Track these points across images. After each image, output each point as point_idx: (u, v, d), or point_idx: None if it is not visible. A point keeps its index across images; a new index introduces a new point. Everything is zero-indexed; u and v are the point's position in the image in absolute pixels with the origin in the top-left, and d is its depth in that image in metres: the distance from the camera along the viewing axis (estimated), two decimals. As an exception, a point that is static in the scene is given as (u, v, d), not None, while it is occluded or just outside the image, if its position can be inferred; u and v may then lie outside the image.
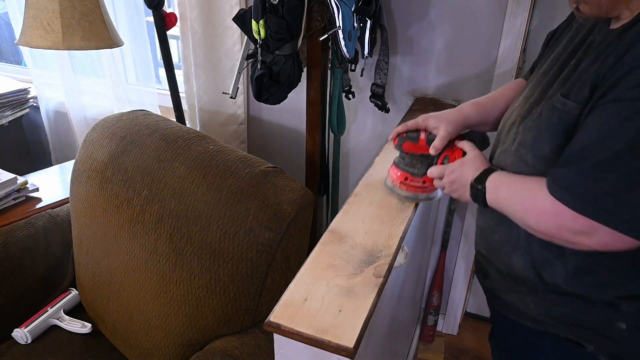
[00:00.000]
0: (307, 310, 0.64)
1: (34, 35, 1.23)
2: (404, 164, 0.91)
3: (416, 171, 0.90)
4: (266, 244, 0.95)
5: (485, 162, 0.81)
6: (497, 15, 1.36)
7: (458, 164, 0.83)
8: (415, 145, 0.89)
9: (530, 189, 0.69)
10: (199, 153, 1.08)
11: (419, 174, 0.90)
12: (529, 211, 0.69)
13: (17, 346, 1.18)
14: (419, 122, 0.90)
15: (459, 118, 0.89)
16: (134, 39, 1.82)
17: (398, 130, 0.91)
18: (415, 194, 0.91)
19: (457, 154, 0.86)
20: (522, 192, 0.71)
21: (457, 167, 0.82)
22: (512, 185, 0.73)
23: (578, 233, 0.63)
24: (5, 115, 2.03)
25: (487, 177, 0.76)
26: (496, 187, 0.75)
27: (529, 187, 0.70)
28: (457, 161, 0.84)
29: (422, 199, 0.92)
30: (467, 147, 0.85)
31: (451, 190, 0.84)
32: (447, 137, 0.86)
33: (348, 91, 1.48)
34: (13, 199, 1.39)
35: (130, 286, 1.10)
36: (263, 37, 1.18)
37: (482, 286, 0.93)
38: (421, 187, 0.91)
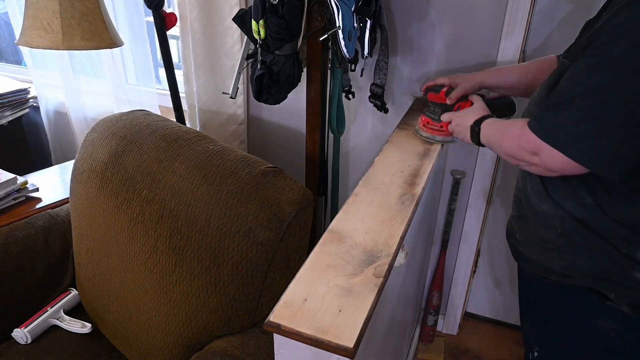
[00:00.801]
0: (307, 310, 0.64)
1: (34, 35, 1.23)
2: (429, 111, 1.15)
3: (435, 117, 1.13)
4: (266, 244, 0.95)
5: (485, 110, 0.99)
6: (497, 15, 1.36)
7: (464, 111, 1.03)
8: (437, 96, 1.11)
9: (511, 122, 0.85)
10: (199, 153, 1.08)
11: (437, 119, 1.12)
12: (504, 136, 0.86)
13: (17, 346, 1.18)
14: (446, 80, 1.14)
15: (477, 79, 1.12)
16: (134, 39, 1.82)
17: (428, 84, 1.15)
18: (433, 135, 1.15)
19: (468, 105, 1.06)
20: (505, 125, 0.88)
21: (463, 114, 1.03)
22: (500, 123, 0.91)
23: (531, 152, 0.78)
24: (5, 115, 2.03)
25: (484, 121, 0.95)
26: (488, 126, 0.93)
27: (510, 122, 0.86)
28: (464, 109, 1.05)
29: (438, 140, 1.15)
30: (475, 99, 1.05)
31: (457, 131, 1.05)
32: (463, 91, 1.09)
33: (348, 91, 1.47)
34: (13, 199, 1.39)
35: (130, 286, 1.10)
36: (263, 37, 1.18)
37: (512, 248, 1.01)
38: (438, 130, 1.13)
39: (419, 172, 1.03)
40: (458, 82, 1.11)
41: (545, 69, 1.03)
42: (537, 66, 1.09)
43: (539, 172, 0.81)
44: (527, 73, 1.10)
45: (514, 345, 1.83)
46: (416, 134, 1.19)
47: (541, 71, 1.05)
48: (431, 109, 1.14)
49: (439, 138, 1.14)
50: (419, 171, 1.04)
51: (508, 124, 0.87)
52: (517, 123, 0.82)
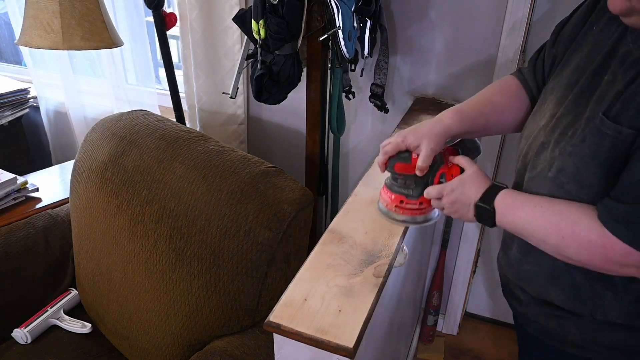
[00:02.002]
0: (307, 310, 0.64)
1: (34, 35, 1.23)
2: (397, 185, 0.84)
3: (412, 192, 0.83)
4: (266, 244, 0.95)
5: (487, 179, 0.76)
6: (497, 15, 1.36)
7: (457, 182, 0.76)
8: (408, 165, 0.81)
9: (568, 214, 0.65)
10: (199, 153, 1.08)
11: (414, 196, 0.83)
12: (568, 239, 0.64)
13: (17, 346, 1.18)
14: (399, 142, 0.79)
15: (440, 131, 0.79)
16: (134, 39, 1.82)
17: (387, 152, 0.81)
18: (412, 217, 0.85)
19: (455, 171, 0.80)
20: (555, 218, 0.65)
21: (457, 186, 0.76)
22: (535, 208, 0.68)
23: (628, 266, 0.61)
24: (5, 115, 2.03)
25: (495, 196, 0.71)
26: (510, 208, 0.70)
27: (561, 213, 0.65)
28: (455, 179, 0.77)
29: (420, 222, 0.86)
30: (464, 162, 0.79)
31: (452, 211, 0.78)
32: (431, 154, 0.77)
33: (348, 91, 1.48)
34: (13, 199, 1.39)
35: (130, 286, 1.10)
36: (263, 37, 1.18)
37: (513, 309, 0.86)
38: (418, 209, 0.84)
39: (419, 172, 1.03)
40: (414, 142, 0.78)
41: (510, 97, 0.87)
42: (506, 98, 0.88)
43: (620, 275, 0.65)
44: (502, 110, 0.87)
45: (514, 345, 1.83)
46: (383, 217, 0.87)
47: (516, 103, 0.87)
48: (400, 183, 0.84)
49: (420, 219, 0.85)
50: (419, 171, 1.03)
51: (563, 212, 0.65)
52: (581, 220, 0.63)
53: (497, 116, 0.86)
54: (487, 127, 0.86)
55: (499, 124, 0.88)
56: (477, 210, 0.73)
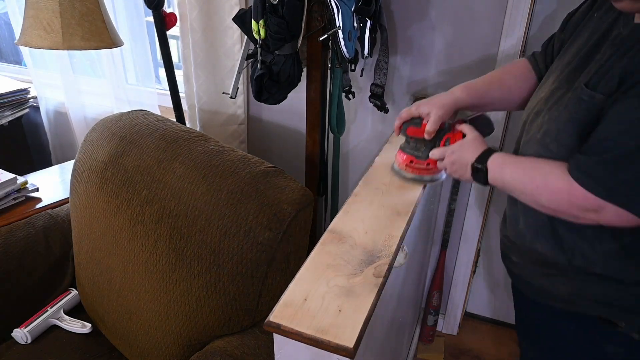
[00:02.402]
0: (307, 310, 0.64)
1: (34, 35, 1.23)
2: (409, 147, 0.97)
3: (420, 154, 0.96)
4: (266, 244, 0.95)
5: (484, 143, 0.86)
6: (497, 15, 1.36)
7: (458, 145, 0.88)
8: (419, 130, 0.93)
9: (541, 168, 0.74)
10: (199, 153, 1.08)
11: (423, 157, 0.95)
12: (540, 189, 0.73)
13: (17, 346, 1.18)
14: (412, 110, 0.94)
15: (449, 101, 0.92)
16: (134, 39, 1.82)
17: (402, 117, 0.95)
18: (420, 176, 0.97)
19: (458, 137, 0.90)
20: (531, 171, 0.75)
21: (457, 149, 0.87)
22: (519, 164, 0.78)
23: (588, 210, 0.69)
24: (5, 115, 2.03)
25: (488, 157, 0.81)
26: (499, 166, 0.80)
27: (538, 167, 0.75)
28: (456, 143, 0.88)
29: (427, 180, 0.98)
30: (466, 129, 0.90)
31: (452, 170, 0.89)
32: (438, 120, 0.90)
33: (348, 91, 1.48)
34: (13, 199, 1.39)
35: (130, 286, 1.10)
36: (263, 37, 1.18)
37: (509, 271, 0.94)
38: (425, 169, 0.96)
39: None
40: (426, 110, 0.92)
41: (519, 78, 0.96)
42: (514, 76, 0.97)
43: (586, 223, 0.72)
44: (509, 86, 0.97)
45: (514, 345, 1.83)
46: (396, 175, 1.00)
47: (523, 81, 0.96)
48: (412, 145, 0.96)
49: (427, 178, 0.98)
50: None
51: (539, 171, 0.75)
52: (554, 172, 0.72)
53: (505, 93, 0.97)
54: (494, 103, 0.97)
55: (505, 100, 0.98)
56: (473, 170, 0.83)
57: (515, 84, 0.96)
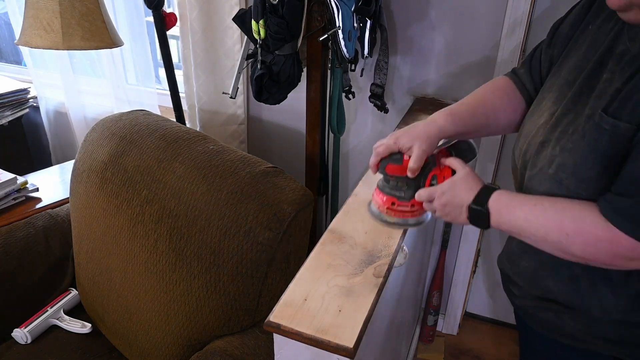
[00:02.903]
0: (307, 310, 0.64)
1: (34, 35, 1.23)
2: (389, 187, 0.83)
3: (403, 195, 0.82)
4: (266, 244, 0.95)
5: (479, 181, 0.75)
6: (497, 15, 1.36)
7: (448, 184, 0.76)
8: (400, 167, 0.80)
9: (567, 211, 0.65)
10: (199, 153, 1.08)
11: (406, 198, 0.82)
12: (572, 236, 0.64)
13: (17, 346, 1.18)
14: (391, 143, 0.79)
15: (432, 132, 0.79)
16: (134, 39, 1.82)
17: (379, 153, 0.80)
18: (404, 220, 0.84)
19: (446, 173, 0.80)
20: (557, 215, 0.65)
21: (448, 189, 0.75)
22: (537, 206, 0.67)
23: (634, 260, 0.62)
24: (5, 115, 2.03)
25: (489, 197, 0.71)
26: (506, 207, 0.70)
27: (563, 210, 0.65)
28: (446, 181, 0.77)
29: (412, 224, 0.85)
30: (455, 164, 0.78)
31: (443, 213, 0.76)
32: (423, 155, 0.77)
33: (348, 91, 1.48)
34: (13, 199, 1.39)
35: (130, 286, 1.10)
36: (263, 37, 1.18)
37: (512, 302, 0.87)
38: (410, 211, 0.83)
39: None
40: (407, 143, 0.77)
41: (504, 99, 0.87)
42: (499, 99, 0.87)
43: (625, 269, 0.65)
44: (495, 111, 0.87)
45: (514, 345, 1.83)
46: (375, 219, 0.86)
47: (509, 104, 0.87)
48: (392, 185, 0.82)
49: (412, 221, 0.84)
50: (419, 171, 1.03)
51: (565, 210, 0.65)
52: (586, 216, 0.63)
53: (491, 117, 0.86)
54: (481, 129, 0.87)
55: (492, 125, 0.88)
56: (471, 213, 0.72)
57: (501, 106, 0.87)
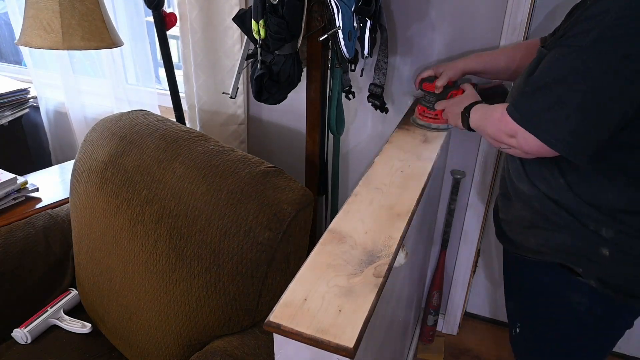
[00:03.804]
0: (307, 310, 0.64)
1: (34, 35, 1.23)
2: (424, 100, 1.23)
3: (430, 105, 1.21)
4: (266, 244, 0.95)
5: (475, 97, 1.06)
6: (497, 15, 1.36)
7: (456, 99, 1.12)
8: (431, 85, 1.19)
9: (494, 107, 0.91)
10: (199, 153, 1.08)
11: (432, 108, 1.21)
12: (487, 120, 0.92)
13: (17, 346, 1.18)
14: (431, 71, 1.22)
15: (459, 65, 1.19)
16: (134, 39, 1.82)
17: (422, 75, 1.22)
18: (428, 124, 1.23)
19: (460, 93, 1.14)
20: (488, 110, 0.94)
21: (455, 101, 1.11)
22: (485, 108, 0.97)
23: (509, 135, 0.83)
24: (5, 115, 2.03)
25: (472, 107, 1.01)
26: (476, 111, 0.99)
27: (493, 107, 0.91)
28: (455, 97, 1.13)
29: (433, 128, 1.23)
30: (466, 87, 1.13)
31: (450, 118, 1.12)
32: (446, 79, 1.17)
33: (348, 91, 1.47)
34: (13, 199, 1.39)
35: (130, 286, 1.10)
36: (263, 37, 1.18)
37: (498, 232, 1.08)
38: (433, 118, 1.22)
39: (419, 172, 1.03)
40: (441, 70, 1.19)
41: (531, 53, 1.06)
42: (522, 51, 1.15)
43: (517, 154, 0.86)
44: (514, 58, 1.16)
45: (514, 345, 1.83)
46: (413, 123, 1.26)
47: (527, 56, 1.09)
48: (426, 99, 1.22)
49: (434, 126, 1.22)
50: (419, 171, 1.04)
51: (492, 108, 0.92)
52: (498, 108, 0.88)
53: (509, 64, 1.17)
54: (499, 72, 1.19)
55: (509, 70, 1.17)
56: (462, 117, 1.03)
57: (519, 58, 1.14)
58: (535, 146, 0.79)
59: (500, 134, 0.86)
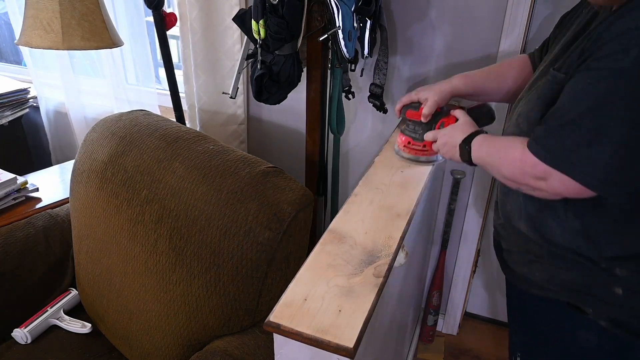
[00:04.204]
0: (307, 310, 0.64)
1: (34, 35, 1.23)
2: (408, 130, 1.07)
3: (417, 136, 1.05)
4: (266, 244, 0.95)
5: (473, 126, 0.93)
6: (497, 15, 1.36)
7: (450, 128, 0.96)
8: (417, 113, 1.03)
9: (508, 143, 0.80)
10: (199, 153, 1.08)
11: (419, 139, 1.04)
12: (502, 160, 0.80)
13: (17, 346, 1.18)
14: (413, 95, 1.06)
15: (446, 88, 1.03)
16: (134, 39, 1.82)
17: (402, 101, 1.07)
18: (416, 156, 1.07)
19: (452, 121, 0.99)
20: (500, 146, 0.82)
21: (449, 131, 0.95)
22: (494, 142, 0.84)
23: (537, 178, 0.73)
24: (5, 115, 2.03)
25: (474, 138, 0.88)
26: (480, 145, 0.86)
27: (506, 142, 0.80)
28: (449, 126, 0.97)
29: (422, 161, 1.07)
30: (459, 114, 0.98)
31: (444, 151, 0.97)
32: (434, 105, 1.01)
33: (348, 91, 1.47)
34: (13, 199, 1.39)
35: (130, 286, 1.10)
36: (263, 37, 1.18)
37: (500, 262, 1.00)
38: (421, 150, 1.06)
39: (419, 172, 1.03)
40: (425, 96, 1.03)
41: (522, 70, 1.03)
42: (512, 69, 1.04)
43: (544, 196, 0.76)
44: (506, 78, 1.04)
45: (514, 345, 1.83)
46: (396, 155, 1.10)
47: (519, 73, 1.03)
48: (411, 128, 1.06)
49: (422, 159, 1.07)
50: (419, 171, 1.04)
51: (504, 145, 0.81)
52: (515, 144, 0.77)
53: (500, 85, 1.05)
54: (490, 93, 1.07)
55: (500, 92, 1.06)
56: (460, 150, 0.90)
57: (512, 76, 1.04)
58: (574, 189, 0.69)
59: (523, 177, 0.75)
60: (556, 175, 0.69)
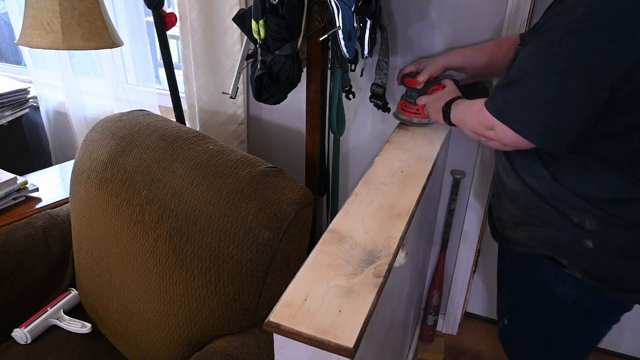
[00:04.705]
0: (307, 310, 0.64)
1: (33, 35, 1.23)
2: (406, 95, 1.26)
3: (412, 100, 1.24)
4: (266, 244, 0.95)
5: (456, 93, 1.09)
6: (497, 15, 1.36)
7: (437, 94, 1.14)
8: (413, 80, 1.21)
9: (473, 102, 0.94)
10: (199, 153, 1.08)
11: (413, 103, 1.24)
12: (467, 114, 0.96)
13: (17, 346, 1.18)
14: (413, 66, 1.26)
15: (441, 61, 1.22)
16: (133, 39, 1.82)
17: (404, 70, 1.26)
18: (410, 118, 1.26)
19: (441, 88, 1.17)
20: (468, 104, 0.97)
21: (437, 97, 1.13)
22: (465, 103, 1.00)
23: (487, 128, 0.86)
24: (5, 115, 2.03)
25: (453, 102, 1.04)
26: (456, 106, 1.03)
27: (473, 102, 0.95)
28: (438, 92, 1.15)
29: (415, 123, 1.27)
30: (447, 83, 1.17)
31: (431, 114, 1.15)
32: (428, 74, 1.20)
33: (348, 91, 1.47)
34: (13, 199, 1.39)
35: (130, 286, 1.10)
36: (263, 37, 1.18)
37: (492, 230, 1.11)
38: (415, 113, 1.25)
39: (419, 172, 1.03)
40: (423, 66, 1.22)
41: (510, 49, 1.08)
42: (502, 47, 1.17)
43: (497, 146, 0.88)
44: (495, 55, 1.18)
45: (514, 345, 1.83)
46: (395, 118, 1.29)
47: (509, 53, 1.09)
48: (408, 94, 1.25)
49: (415, 120, 1.25)
50: (419, 171, 1.04)
51: (471, 103, 0.95)
52: (477, 102, 0.91)
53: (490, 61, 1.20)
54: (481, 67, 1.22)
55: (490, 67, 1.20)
56: (443, 112, 1.06)
57: (501, 55, 1.16)
58: (512, 138, 0.81)
59: (479, 127, 0.89)
60: (499, 125, 0.82)
